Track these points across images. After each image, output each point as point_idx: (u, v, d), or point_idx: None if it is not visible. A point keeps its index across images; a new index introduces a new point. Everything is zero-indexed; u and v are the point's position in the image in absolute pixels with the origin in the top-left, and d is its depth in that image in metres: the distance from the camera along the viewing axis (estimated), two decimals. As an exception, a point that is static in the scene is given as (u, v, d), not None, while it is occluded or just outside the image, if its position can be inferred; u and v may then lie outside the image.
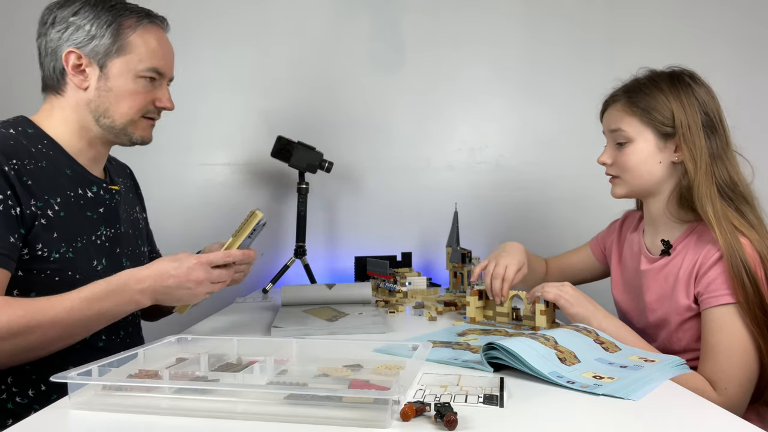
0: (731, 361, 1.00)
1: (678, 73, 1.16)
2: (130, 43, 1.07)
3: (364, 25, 1.99)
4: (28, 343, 0.91)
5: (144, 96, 1.10)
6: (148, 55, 1.09)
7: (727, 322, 1.02)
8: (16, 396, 1.01)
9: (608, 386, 0.74)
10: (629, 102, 1.15)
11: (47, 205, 1.01)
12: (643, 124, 1.14)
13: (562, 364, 0.81)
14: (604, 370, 0.82)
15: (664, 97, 1.12)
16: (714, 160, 1.10)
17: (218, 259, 1.03)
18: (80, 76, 1.07)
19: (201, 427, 0.63)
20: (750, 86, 2.01)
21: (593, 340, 0.91)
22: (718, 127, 1.12)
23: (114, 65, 1.07)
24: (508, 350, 0.81)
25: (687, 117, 1.10)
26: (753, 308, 1.00)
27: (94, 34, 1.05)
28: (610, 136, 1.20)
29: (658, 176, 1.14)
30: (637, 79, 1.19)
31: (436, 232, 1.93)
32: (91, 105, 1.08)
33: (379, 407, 0.63)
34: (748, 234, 1.04)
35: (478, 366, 0.84)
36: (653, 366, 0.84)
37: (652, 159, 1.14)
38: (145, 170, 1.43)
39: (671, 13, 2.01)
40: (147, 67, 1.09)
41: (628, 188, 1.18)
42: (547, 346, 0.84)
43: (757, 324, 1.00)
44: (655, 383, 0.76)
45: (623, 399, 0.71)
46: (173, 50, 1.16)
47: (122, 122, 1.10)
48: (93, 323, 0.96)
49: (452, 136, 2.01)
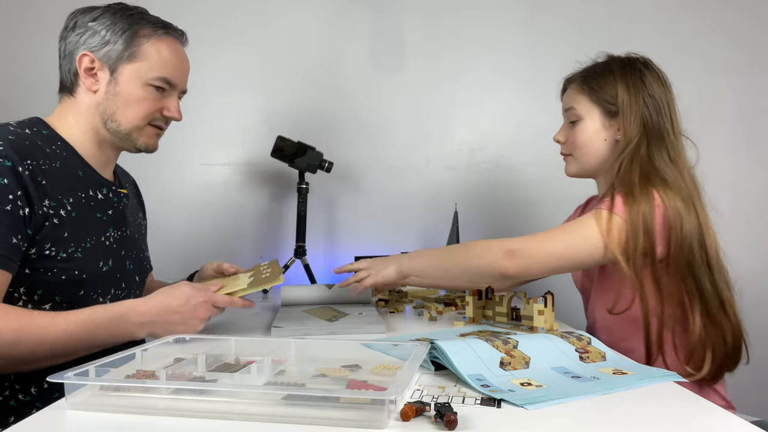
0: (551, 244, 1.10)
1: (632, 59, 1.23)
2: (143, 51, 1.10)
3: (364, 25, 1.99)
4: (16, 356, 0.91)
5: (151, 104, 1.12)
6: (159, 64, 1.11)
7: (588, 218, 1.10)
8: (19, 393, 1.02)
9: (522, 393, 0.72)
10: (582, 82, 1.24)
11: (60, 205, 1.02)
12: (591, 102, 1.21)
13: (498, 368, 0.80)
14: (547, 378, 0.79)
15: (613, 78, 1.20)
16: (650, 141, 1.15)
17: (223, 302, 1.06)
18: (91, 79, 1.10)
19: (198, 427, 0.63)
20: (750, 86, 2.00)
21: (575, 348, 0.89)
22: (662, 110, 1.17)
23: (124, 71, 1.10)
24: (440, 349, 0.81)
25: (629, 97, 1.17)
26: (636, 255, 1.05)
27: (108, 39, 1.09)
28: (565, 115, 1.28)
29: (604, 154, 1.21)
30: (594, 62, 1.26)
31: (436, 232, 1.93)
32: (99, 108, 1.11)
33: (377, 408, 0.62)
34: (664, 195, 1.08)
35: (424, 364, 0.84)
36: (613, 378, 0.79)
37: (598, 136, 1.21)
38: (145, 170, 1.43)
39: (671, 14, 2.01)
40: (157, 76, 1.11)
41: (579, 166, 1.25)
42: (498, 349, 0.83)
43: (635, 270, 1.05)
44: (584, 395, 0.71)
45: (521, 407, 0.67)
46: (189, 64, 1.18)
47: (127, 127, 1.12)
48: (83, 348, 0.97)
49: (452, 136, 2.01)
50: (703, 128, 1.84)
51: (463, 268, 1.19)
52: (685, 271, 1.08)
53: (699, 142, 1.21)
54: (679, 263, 1.08)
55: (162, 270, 1.50)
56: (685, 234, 1.07)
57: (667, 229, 1.07)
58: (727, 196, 1.97)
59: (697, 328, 1.08)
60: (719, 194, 1.20)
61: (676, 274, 1.09)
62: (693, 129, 1.22)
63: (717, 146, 1.96)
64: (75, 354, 0.97)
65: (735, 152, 1.99)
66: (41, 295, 1.00)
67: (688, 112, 1.22)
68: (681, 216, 1.07)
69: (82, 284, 1.04)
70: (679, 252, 1.07)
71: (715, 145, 1.94)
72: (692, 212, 1.09)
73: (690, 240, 1.07)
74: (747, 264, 2.03)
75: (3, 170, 0.95)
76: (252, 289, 1.10)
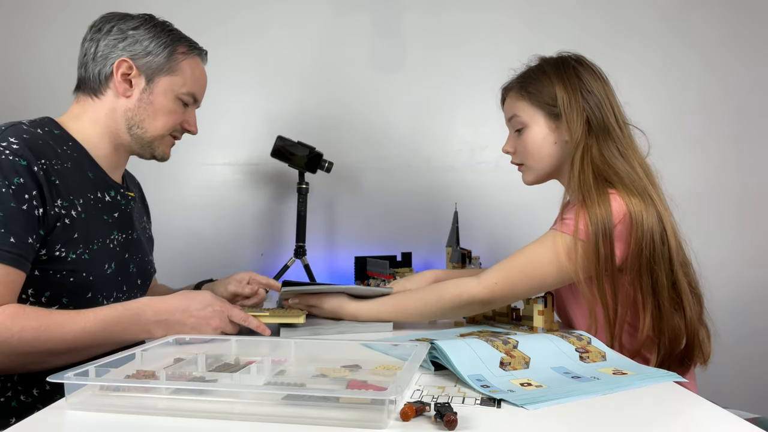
0: (515, 263, 1.09)
1: (564, 58, 1.21)
2: (180, 67, 1.16)
3: (364, 25, 1.99)
4: (35, 353, 0.92)
5: (177, 116, 1.18)
6: (191, 80, 1.17)
7: (546, 239, 1.09)
8: (21, 395, 1.02)
9: (522, 393, 0.72)
10: (520, 88, 1.22)
11: (71, 205, 1.03)
12: (533, 107, 1.19)
13: (498, 368, 0.80)
14: (547, 378, 0.79)
15: (549, 80, 1.18)
16: (598, 135, 1.14)
17: (238, 318, 1.05)
18: (126, 85, 1.13)
19: (198, 427, 0.63)
20: (750, 86, 2.00)
21: (575, 348, 0.89)
22: (603, 105, 1.16)
23: (161, 82, 1.14)
24: (440, 349, 0.81)
25: (569, 96, 1.15)
26: (597, 271, 1.05)
27: (150, 51, 1.13)
28: (509, 124, 1.25)
29: (556, 157, 1.19)
30: (528, 67, 1.24)
31: (436, 232, 1.93)
32: (128, 113, 1.13)
33: (376, 408, 0.62)
34: (620, 195, 1.07)
35: (424, 364, 0.84)
36: (613, 378, 0.79)
37: (547, 141, 1.19)
38: (145, 170, 1.43)
39: (671, 14, 2.01)
40: (187, 92, 1.17)
41: (535, 174, 1.23)
42: (498, 349, 0.83)
43: (596, 273, 1.05)
44: (584, 395, 0.71)
45: (521, 407, 0.67)
46: (207, 81, 1.25)
47: (153, 135, 1.16)
48: (101, 345, 0.97)
49: (452, 136, 2.01)
50: (704, 128, 1.85)
51: (429, 310, 1.15)
52: (644, 268, 1.06)
53: (699, 142, 1.21)
54: (640, 261, 1.06)
55: (161, 269, 1.50)
56: (645, 231, 1.05)
57: (628, 231, 1.06)
58: (731, 194, 1.98)
59: (646, 327, 1.07)
60: (719, 194, 1.20)
61: (635, 274, 1.07)
62: (695, 128, 1.21)
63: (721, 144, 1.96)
64: (91, 353, 0.96)
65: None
66: (49, 297, 1.01)
67: (689, 110, 1.22)
68: (642, 212, 1.06)
69: (90, 286, 1.05)
70: (640, 249, 1.06)
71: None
72: (650, 205, 1.08)
73: (651, 234, 1.06)
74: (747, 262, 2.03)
75: (19, 169, 0.95)
76: (272, 318, 1.10)
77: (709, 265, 1.20)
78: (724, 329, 1.21)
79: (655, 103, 1.98)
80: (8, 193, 0.93)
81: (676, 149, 1.89)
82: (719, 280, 1.26)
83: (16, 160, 0.95)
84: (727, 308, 1.86)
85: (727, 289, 1.95)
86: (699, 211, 1.93)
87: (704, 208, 1.97)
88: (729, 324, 1.35)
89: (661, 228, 1.07)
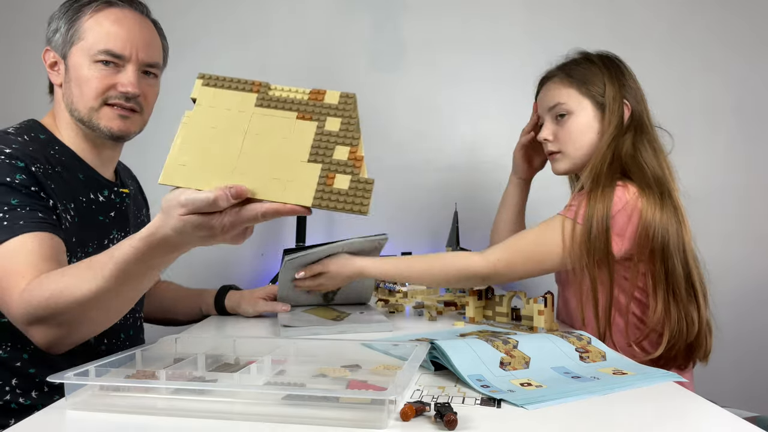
0: (518, 244, 1.13)
1: (609, 54, 1.25)
2: (84, 29, 1.04)
3: (364, 25, 1.99)
4: (59, 325, 0.85)
5: (100, 81, 1.04)
6: (101, 37, 1.03)
7: (550, 223, 1.12)
8: (20, 397, 1.01)
9: (522, 393, 0.72)
10: (566, 75, 1.23)
11: (66, 210, 1.02)
12: (581, 94, 1.20)
13: (498, 368, 0.80)
14: (547, 378, 0.78)
15: (598, 70, 1.21)
16: (636, 130, 1.17)
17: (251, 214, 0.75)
18: (55, 73, 1.08)
19: (198, 427, 0.63)
20: (749, 86, 2.00)
21: (575, 348, 0.89)
22: (641, 102, 1.20)
23: (73, 54, 1.05)
24: (440, 349, 0.81)
25: (614, 89, 1.18)
26: (595, 257, 1.07)
27: (56, 28, 1.07)
28: (548, 113, 1.25)
29: (594, 147, 1.21)
30: (570, 58, 1.27)
31: (436, 232, 1.93)
32: (65, 100, 1.08)
33: (376, 408, 0.62)
34: (633, 186, 1.09)
35: (424, 364, 0.84)
36: (613, 378, 0.79)
37: (591, 129, 1.20)
38: (145, 169, 1.42)
39: (671, 14, 2.01)
40: (100, 50, 1.03)
41: (571, 162, 1.23)
42: (498, 349, 0.83)
43: (594, 260, 1.07)
44: (584, 395, 0.71)
45: (521, 407, 0.67)
46: (147, 32, 1.09)
47: (85, 112, 1.05)
48: (128, 287, 0.85)
49: (452, 136, 2.01)
50: (707, 127, 1.85)
51: (432, 275, 1.21)
52: (657, 256, 1.08)
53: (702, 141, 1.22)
54: (652, 249, 1.08)
55: (162, 270, 1.50)
56: (657, 222, 1.07)
57: (629, 220, 1.08)
58: (731, 194, 1.98)
59: (657, 314, 1.08)
60: (723, 193, 1.21)
61: (646, 261, 1.09)
62: (698, 127, 1.23)
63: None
64: (124, 299, 0.88)
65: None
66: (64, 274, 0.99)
67: (690, 109, 1.23)
68: (656, 204, 1.08)
69: None
70: (650, 238, 1.07)
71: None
72: (668, 199, 1.10)
73: (667, 227, 1.07)
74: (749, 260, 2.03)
75: (19, 169, 0.95)
76: (318, 203, 0.73)
77: (708, 264, 1.20)
78: (724, 328, 1.21)
79: (656, 103, 1.98)
80: (16, 187, 0.93)
81: (677, 149, 1.88)
82: (719, 280, 1.26)
83: (13, 162, 0.95)
84: (725, 307, 1.86)
85: (727, 288, 1.95)
86: (699, 211, 1.93)
87: (704, 207, 1.96)
88: (728, 323, 1.35)
89: (677, 221, 1.09)
